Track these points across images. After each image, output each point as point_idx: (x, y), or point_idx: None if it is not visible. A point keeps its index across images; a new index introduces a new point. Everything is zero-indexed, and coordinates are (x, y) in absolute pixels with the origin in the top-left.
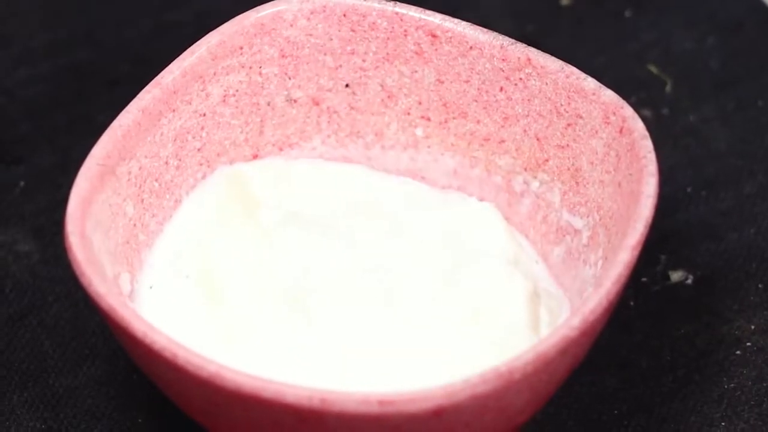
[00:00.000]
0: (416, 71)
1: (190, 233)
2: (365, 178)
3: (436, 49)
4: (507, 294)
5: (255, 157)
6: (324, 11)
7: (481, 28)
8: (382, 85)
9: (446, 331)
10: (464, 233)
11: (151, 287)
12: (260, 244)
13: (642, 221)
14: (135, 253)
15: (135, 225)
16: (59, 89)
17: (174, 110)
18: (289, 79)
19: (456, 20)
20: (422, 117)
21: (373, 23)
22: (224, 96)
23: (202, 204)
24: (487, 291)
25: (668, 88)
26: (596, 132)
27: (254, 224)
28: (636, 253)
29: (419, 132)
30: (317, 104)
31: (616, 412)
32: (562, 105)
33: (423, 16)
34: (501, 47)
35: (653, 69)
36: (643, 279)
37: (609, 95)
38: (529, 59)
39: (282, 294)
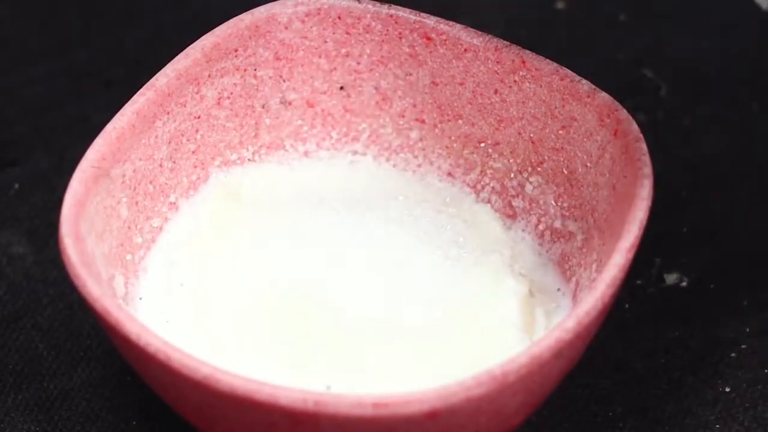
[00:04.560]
0: (411, 74)
1: (185, 241)
2: (360, 180)
3: (430, 52)
4: (500, 295)
5: (249, 159)
6: (319, 14)
7: (475, 30)
8: (376, 88)
9: (440, 333)
10: (460, 234)
11: (141, 299)
12: (255, 250)
13: (636, 224)
14: (129, 255)
15: (129, 227)
16: (55, 91)
17: (168, 113)
18: (284, 81)
19: (450, 23)
20: (417, 119)
21: (368, 26)
22: (219, 98)
23: (198, 211)
24: (481, 292)
25: (663, 91)
26: (591, 134)
27: (249, 231)
28: (630, 255)
29: (414, 134)
30: (312, 106)
31: (610, 414)
32: (556, 107)
33: (417, 19)
34: (495, 50)
35: (648, 73)
36: (638, 281)
37: (603, 97)
38: (523, 62)
39: (277, 298)
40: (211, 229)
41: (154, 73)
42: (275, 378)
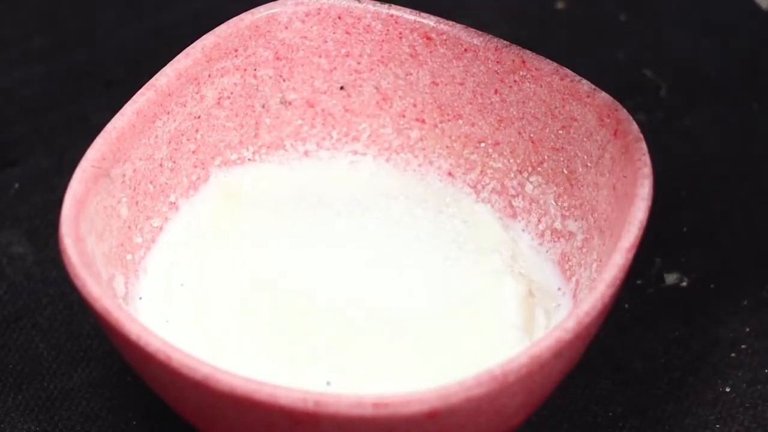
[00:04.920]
0: (411, 73)
1: (185, 241)
2: (360, 180)
3: (430, 52)
4: (500, 295)
5: (250, 159)
6: (319, 14)
7: (475, 30)
8: (376, 88)
9: (440, 333)
10: (460, 234)
11: (141, 299)
12: (255, 250)
13: (636, 224)
14: (130, 255)
15: (129, 227)
16: (55, 91)
17: (168, 112)
18: (284, 81)
19: (451, 23)
20: (417, 119)
21: (368, 26)
22: (219, 98)
23: (198, 211)
24: (481, 292)
25: (663, 91)
26: (591, 134)
27: (249, 230)
28: (630, 255)
29: (414, 134)
30: (312, 106)
31: (610, 414)
32: (556, 107)
33: (418, 19)
34: (495, 49)
35: (648, 73)
36: (638, 281)
37: (603, 97)
38: (523, 61)
39: (278, 297)
40: (211, 228)
41: (154, 73)
42: (275, 378)
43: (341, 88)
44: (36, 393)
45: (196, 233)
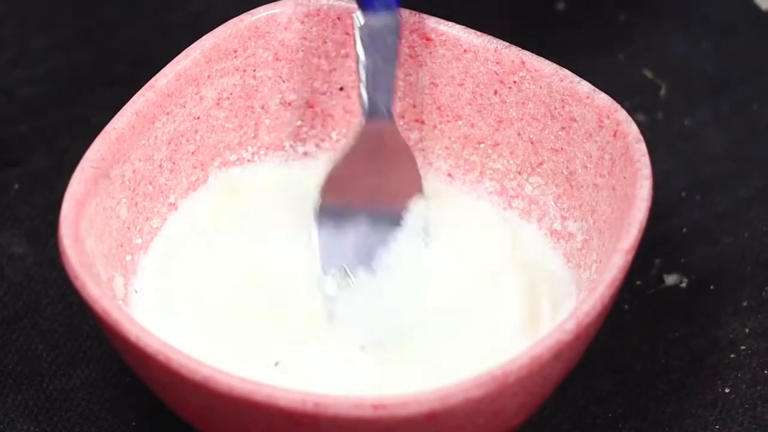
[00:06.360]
0: (410, 74)
1: (185, 242)
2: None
3: (430, 53)
4: (500, 296)
5: (249, 160)
6: (318, 14)
7: (475, 31)
8: None
9: (439, 333)
10: (460, 234)
11: (137, 291)
12: (255, 251)
13: (636, 225)
14: (129, 256)
15: (129, 228)
16: (55, 91)
17: (168, 113)
18: (284, 82)
19: (450, 23)
20: (416, 120)
21: None
22: (218, 99)
23: (196, 210)
24: (480, 293)
25: (663, 92)
26: (590, 135)
27: (249, 231)
28: (630, 256)
29: (413, 135)
30: (311, 107)
31: (610, 415)
32: (556, 108)
33: (417, 19)
34: (495, 50)
35: (648, 73)
36: (638, 282)
37: (603, 99)
38: (523, 62)
39: (277, 298)
40: (211, 230)
41: (154, 74)
42: (276, 377)
43: (341, 89)
44: (35, 394)
45: (195, 234)
